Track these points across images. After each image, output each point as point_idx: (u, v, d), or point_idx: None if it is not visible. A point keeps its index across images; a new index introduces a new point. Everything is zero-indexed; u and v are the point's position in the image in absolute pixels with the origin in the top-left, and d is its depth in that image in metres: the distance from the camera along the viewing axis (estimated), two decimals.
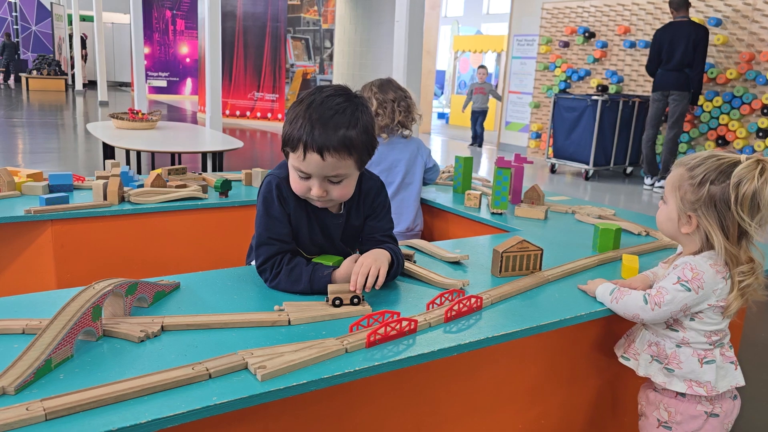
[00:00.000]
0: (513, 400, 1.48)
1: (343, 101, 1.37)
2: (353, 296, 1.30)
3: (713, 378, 1.35)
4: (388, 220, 1.58)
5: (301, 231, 1.49)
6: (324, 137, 1.32)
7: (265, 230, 1.45)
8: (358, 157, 1.39)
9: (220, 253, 2.36)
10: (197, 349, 1.09)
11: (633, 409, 1.54)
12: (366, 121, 1.39)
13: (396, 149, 2.47)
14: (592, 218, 2.28)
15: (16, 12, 20.15)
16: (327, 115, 1.33)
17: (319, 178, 1.37)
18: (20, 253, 2.02)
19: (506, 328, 1.28)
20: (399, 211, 2.46)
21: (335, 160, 1.34)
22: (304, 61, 11.76)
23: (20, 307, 1.23)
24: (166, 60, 16.90)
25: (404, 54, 4.08)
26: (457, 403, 1.36)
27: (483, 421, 1.43)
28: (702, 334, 1.36)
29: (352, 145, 1.35)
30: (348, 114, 1.35)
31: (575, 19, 8.20)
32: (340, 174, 1.38)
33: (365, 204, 1.54)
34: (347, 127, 1.34)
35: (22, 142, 8.13)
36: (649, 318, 1.36)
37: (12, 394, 0.90)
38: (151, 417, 0.87)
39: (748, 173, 1.27)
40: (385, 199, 1.57)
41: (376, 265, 1.35)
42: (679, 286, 1.33)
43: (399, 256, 1.49)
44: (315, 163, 1.34)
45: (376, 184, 1.56)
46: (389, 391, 1.25)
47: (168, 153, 4.88)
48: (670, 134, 6.38)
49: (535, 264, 1.61)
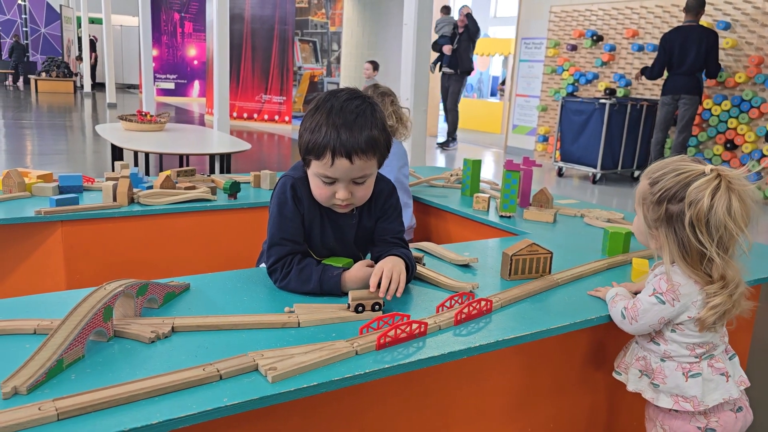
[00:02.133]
0: (522, 404, 1.47)
1: (360, 103, 1.39)
2: (375, 302, 1.30)
3: (699, 392, 1.30)
4: (399, 223, 1.57)
5: (314, 233, 1.49)
6: (352, 141, 1.33)
7: (278, 230, 1.45)
8: (381, 155, 1.42)
9: (228, 255, 2.37)
10: (207, 350, 1.10)
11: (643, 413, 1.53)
12: (382, 119, 1.43)
13: None
14: (602, 222, 2.28)
15: (26, 14, 20.29)
16: (350, 119, 1.35)
17: (345, 182, 1.39)
18: (30, 253, 2.03)
19: (516, 331, 1.27)
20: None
21: (363, 162, 1.36)
22: (312, 63, 11.79)
23: (31, 307, 1.24)
24: (174, 62, 16.97)
25: (412, 57, 4.08)
26: (465, 406, 1.36)
27: (491, 424, 1.42)
28: (684, 346, 1.31)
29: (377, 144, 1.38)
30: (368, 115, 1.38)
31: (583, 22, 8.18)
32: (366, 174, 1.40)
33: (377, 206, 1.54)
34: (371, 128, 1.36)
35: (31, 143, 8.17)
36: (630, 330, 1.35)
37: (24, 394, 0.91)
38: (163, 418, 0.88)
39: (701, 192, 1.20)
40: (396, 201, 1.58)
41: (397, 271, 1.36)
42: (653, 299, 1.29)
43: (412, 261, 1.49)
44: (344, 168, 1.35)
45: (388, 186, 1.57)
46: (398, 394, 1.25)
47: (176, 155, 4.90)
48: (678, 138, 6.35)
49: (544, 267, 1.61)
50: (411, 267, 1.46)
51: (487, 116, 13.57)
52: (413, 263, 1.49)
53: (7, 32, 20.28)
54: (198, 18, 16.42)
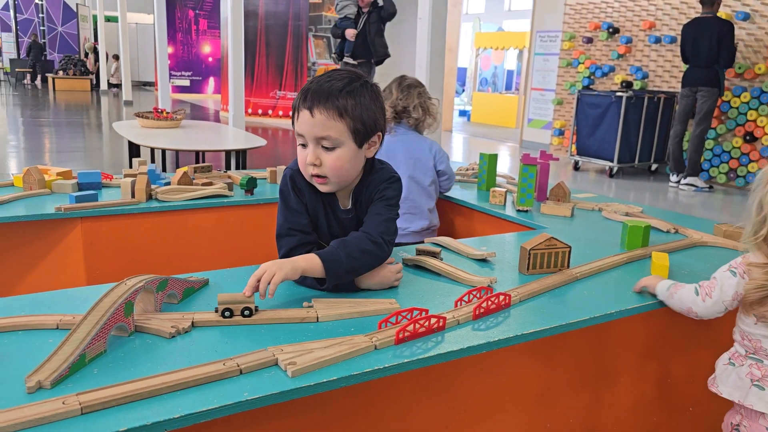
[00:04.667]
0: (540, 399, 1.46)
1: (345, 75, 1.39)
2: (245, 307, 1.19)
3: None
4: (382, 221, 1.42)
5: (320, 221, 1.49)
6: (316, 96, 1.34)
7: (285, 221, 1.46)
8: (351, 123, 1.35)
9: (245, 250, 2.38)
10: (227, 345, 1.10)
11: (664, 409, 1.52)
12: (366, 100, 1.38)
13: (398, 148, 2.41)
14: (620, 215, 2.25)
15: (43, 13, 20.49)
16: (323, 79, 1.37)
17: (312, 142, 1.36)
18: (51, 249, 2.06)
19: (535, 325, 1.27)
20: (411, 210, 2.41)
21: (324, 118, 1.33)
22: (326, 59, 11.79)
23: (54, 302, 1.25)
24: (188, 59, 17.06)
25: (427, 52, 4.06)
26: (484, 400, 1.36)
27: (510, 419, 1.42)
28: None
29: (345, 108, 1.34)
30: (345, 83, 1.36)
31: (599, 14, 8.10)
32: (330, 137, 1.35)
33: (368, 194, 1.48)
34: (340, 91, 1.34)
35: (49, 141, 8.26)
36: (701, 310, 1.34)
37: (48, 388, 0.92)
38: (185, 412, 0.88)
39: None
40: (390, 191, 1.47)
41: (272, 270, 1.24)
42: (728, 273, 1.31)
43: (341, 262, 1.32)
44: (306, 121, 1.35)
45: (385, 176, 1.48)
46: (417, 388, 1.24)
47: (192, 151, 4.92)
48: (696, 130, 6.28)
49: (563, 261, 1.60)
50: (335, 270, 1.32)
51: (502, 110, 13.51)
52: (342, 264, 1.32)
53: (25, 31, 20.50)
54: (212, 15, 16.48)
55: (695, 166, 6.39)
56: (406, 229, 2.38)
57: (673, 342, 1.65)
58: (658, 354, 1.63)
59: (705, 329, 1.71)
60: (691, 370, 1.71)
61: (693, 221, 2.27)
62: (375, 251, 1.38)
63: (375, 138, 1.43)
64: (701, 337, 1.71)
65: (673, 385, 1.68)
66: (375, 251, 1.38)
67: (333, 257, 1.32)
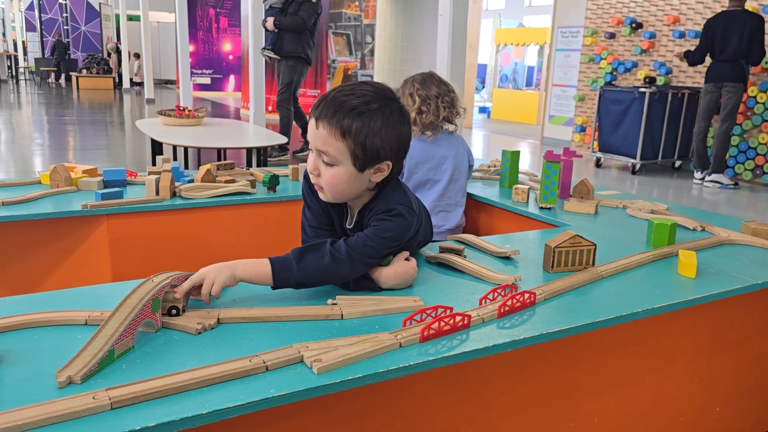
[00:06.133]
0: (565, 397, 1.45)
1: (369, 91, 1.32)
2: (171, 306, 1.16)
3: None
4: (366, 244, 1.32)
5: (335, 225, 1.51)
6: (326, 108, 1.29)
7: (306, 220, 1.50)
8: (352, 146, 1.28)
9: (268, 247, 2.39)
10: (253, 341, 1.11)
11: (690, 409, 1.50)
12: (377, 124, 1.29)
13: (442, 146, 2.39)
14: (645, 213, 2.23)
15: (67, 13, 20.78)
16: (344, 91, 1.31)
17: (315, 152, 1.34)
18: (77, 246, 2.08)
19: (560, 324, 1.26)
20: (448, 209, 2.43)
21: (326, 133, 1.28)
22: (346, 56, 11.80)
23: (82, 298, 1.27)
24: (209, 57, 17.19)
25: (448, 48, 4.04)
26: (509, 399, 1.35)
27: (535, 417, 1.41)
28: None
29: (348, 129, 1.27)
30: (362, 101, 1.28)
31: (622, 9, 8.01)
32: (328, 152, 1.29)
33: (368, 219, 1.41)
34: (351, 110, 1.27)
35: (73, 139, 8.38)
36: None
37: (78, 383, 0.93)
38: (212, 408, 0.89)
39: None
40: (387, 224, 1.36)
41: (210, 279, 1.22)
42: None
43: (292, 274, 1.27)
44: (311, 130, 1.33)
45: (386, 206, 1.38)
46: (441, 385, 1.24)
47: (215, 149, 4.96)
48: (722, 127, 6.18)
49: (588, 259, 1.58)
50: (281, 279, 1.27)
51: (523, 107, 13.43)
52: (288, 279, 1.27)
53: (49, 31, 20.81)
54: (233, 13, 16.59)
55: (720, 162, 6.30)
56: (443, 226, 2.39)
57: (699, 342, 1.63)
58: (684, 353, 1.60)
59: (731, 329, 1.69)
60: (717, 370, 1.69)
61: (719, 219, 2.23)
62: (333, 268, 1.30)
63: (382, 165, 1.35)
64: (727, 337, 1.68)
65: (699, 385, 1.66)
66: (333, 268, 1.30)
67: (285, 267, 1.27)
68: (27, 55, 22.75)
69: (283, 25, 6.21)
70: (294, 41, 6.32)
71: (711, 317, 1.61)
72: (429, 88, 2.34)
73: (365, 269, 1.36)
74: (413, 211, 1.41)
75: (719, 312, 1.61)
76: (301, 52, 6.40)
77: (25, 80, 21.03)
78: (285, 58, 6.42)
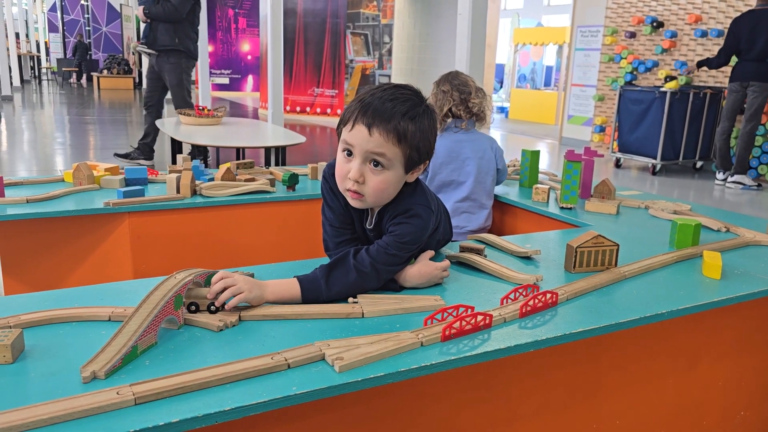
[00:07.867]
0: (587, 399, 1.44)
1: (409, 96, 1.32)
2: (191, 302, 1.18)
3: None
4: (387, 253, 1.33)
5: (355, 225, 1.50)
6: (378, 115, 1.27)
7: (326, 219, 1.49)
8: (408, 151, 1.30)
9: (287, 246, 2.40)
10: (274, 339, 1.11)
11: (714, 413, 1.48)
12: (426, 126, 1.32)
13: (466, 147, 2.38)
14: (667, 213, 2.20)
15: (88, 14, 21.04)
16: (386, 97, 1.29)
17: (361, 156, 1.29)
18: (100, 243, 2.10)
19: (583, 324, 1.24)
20: (471, 210, 2.41)
21: (382, 138, 1.26)
22: (364, 56, 11.82)
23: (105, 295, 1.28)
24: (228, 57, 17.31)
25: (467, 48, 4.03)
26: (530, 399, 1.34)
27: (557, 418, 1.39)
28: None
29: (404, 134, 1.27)
30: (408, 106, 1.29)
31: (642, 8, 7.93)
32: (384, 155, 1.28)
33: (387, 219, 1.40)
34: (404, 114, 1.27)
35: (93, 138, 8.47)
36: None
37: (102, 379, 0.94)
38: (235, 404, 0.89)
39: None
40: (405, 228, 1.36)
41: (241, 288, 1.20)
42: None
43: (320, 293, 1.27)
44: (361, 136, 1.27)
45: (405, 208, 1.38)
46: (462, 385, 1.23)
47: (233, 148, 4.99)
48: (747, 127, 6.09)
49: (610, 260, 1.56)
50: (310, 300, 1.27)
51: (541, 107, 13.35)
52: (317, 298, 1.28)
53: (71, 32, 21.10)
54: (251, 13, 16.69)
55: (744, 163, 6.21)
56: (465, 228, 2.37)
57: (724, 344, 1.60)
58: (707, 356, 1.58)
59: (756, 331, 1.66)
60: (742, 373, 1.66)
61: (744, 219, 2.20)
62: (360, 282, 1.31)
63: (422, 165, 1.37)
64: (752, 339, 1.66)
65: (723, 388, 1.64)
66: (360, 282, 1.31)
67: (313, 288, 1.27)
68: (49, 55, 23.09)
69: (153, 14, 5.51)
70: (168, 33, 5.60)
71: (736, 319, 1.59)
72: (442, 84, 2.39)
73: (391, 276, 1.36)
74: (430, 210, 1.41)
75: (744, 313, 1.58)
76: (178, 45, 5.65)
77: (48, 80, 21.32)
78: (163, 54, 5.67)
